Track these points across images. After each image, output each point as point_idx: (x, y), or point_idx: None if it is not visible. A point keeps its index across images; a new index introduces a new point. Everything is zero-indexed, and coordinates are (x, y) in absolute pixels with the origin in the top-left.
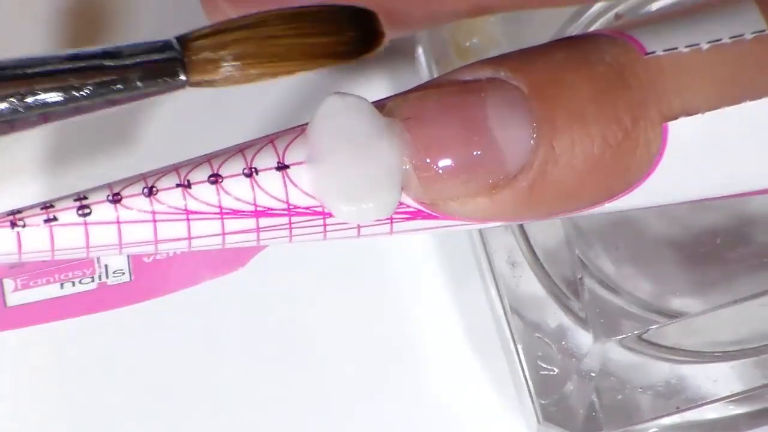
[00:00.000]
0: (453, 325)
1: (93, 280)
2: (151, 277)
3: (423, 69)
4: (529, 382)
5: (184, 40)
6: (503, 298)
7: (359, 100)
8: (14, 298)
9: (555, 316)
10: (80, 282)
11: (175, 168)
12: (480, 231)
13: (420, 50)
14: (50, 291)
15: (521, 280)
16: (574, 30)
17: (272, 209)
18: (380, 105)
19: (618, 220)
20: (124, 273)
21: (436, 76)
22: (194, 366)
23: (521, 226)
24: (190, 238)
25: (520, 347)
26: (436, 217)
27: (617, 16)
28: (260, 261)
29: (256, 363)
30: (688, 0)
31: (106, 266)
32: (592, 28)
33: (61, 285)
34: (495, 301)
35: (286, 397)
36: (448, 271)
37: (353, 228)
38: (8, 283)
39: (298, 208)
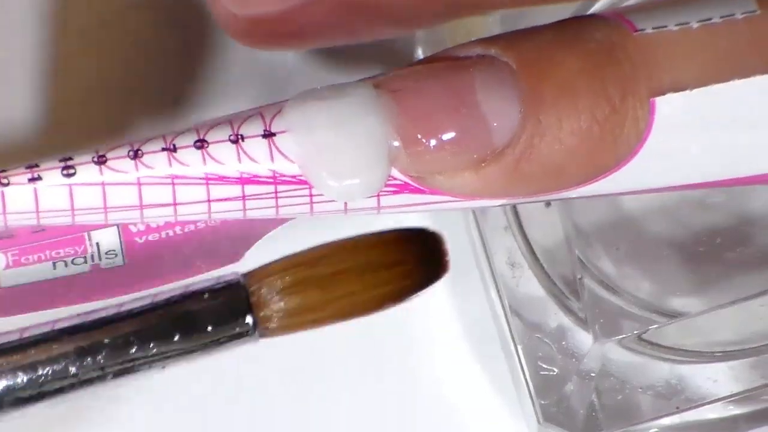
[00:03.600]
0: (453, 326)
1: (86, 261)
2: (144, 262)
3: None
4: (530, 383)
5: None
6: (503, 298)
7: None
8: (7, 277)
9: (555, 317)
10: (73, 262)
11: (162, 134)
12: (480, 231)
13: (419, 51)
14: (43, 271)
15: (521, 281)
16: None
17: (258, 176)
18: (369, 79)
19: (618, 220)
20: (116, 254)
21: None
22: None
23: (521, 227)
24: (175, 204)
25: (520, 348)
26: (423, 191)
27: None
28: (256, 258)
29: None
30: None
31: (97, 244)
32: None
33: (54, 264)
34: (495, 301)
35: (282, 395)
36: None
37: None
38: (0, 259)
39: (284, 176)
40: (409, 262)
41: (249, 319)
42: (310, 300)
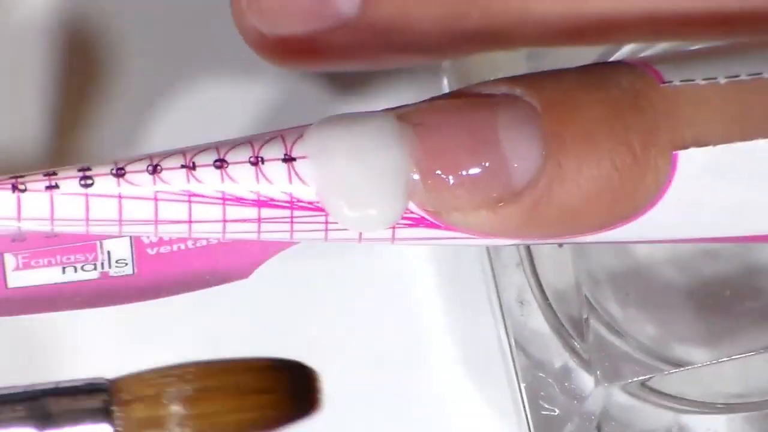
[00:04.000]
0: (459, 356)
1: (95, 268)
2: (153, 273)
3: None
4: (530, 422)
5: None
6: (510, 334)
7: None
8: (15, 279)
9: (560, 357)
10: (82, 268)
11: (182, 150)
12: (491, 267)
13: (445, 81)
14: (52, 275)
15: (529, 319)
16: None
17: (275, 200)
18: (391, 111)
19: (629, 266)
20: (127, 264)
21: None
22: None
23: (533, 266)
24: (190, 221)
25: (523, 386)
26: (438, 227)
27: None
28: (264, 272)
29: None
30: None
31: (108, 253)
32: None
33: (63, 269)
34: (502, 337)
35: None
36: (458, 304)
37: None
38: (9, 260)
39: (301, 202)
40: (277, 391)
41: (108, 427)
42: (169, 413)
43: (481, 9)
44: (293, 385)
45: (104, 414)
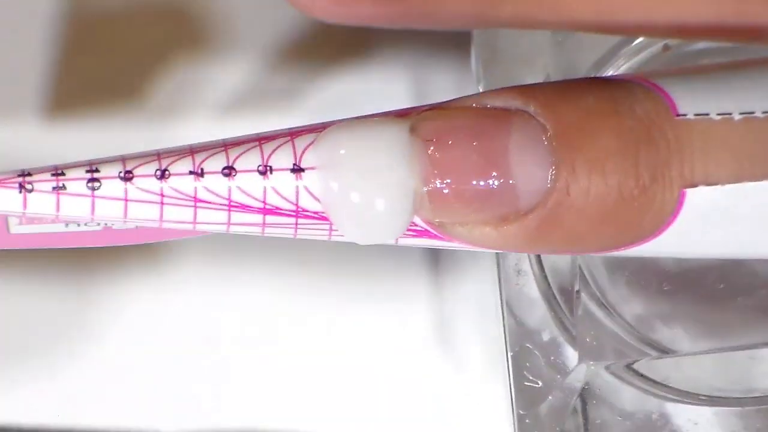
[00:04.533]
0: (452, 324)
1: (98, 224)
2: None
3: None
4: (512, 391)
5: None
6: (503, 302)
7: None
8: (19, 229)
9: (549, 330)
10: (85, 224)
11: (192, 152)
12: None
13: (472, 51)
14: (55, 228)
15: (523, 289)
16: (622, 55)
17: (281, 209)
18: (404, 114)
19: None
20: None
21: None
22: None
23: None
24: (195, 222)
25: (510, 355)
26: (441, 238)
27: (666, 47)
28: (263, 264)
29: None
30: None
31: None
32: (640, 56)
33: (66, 224)
34: (497, 304)
35: (278, 412)
36: (459, 270)
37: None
38: (12, 219)
39: (307, 211)
40: None
41: None
42: None
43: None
44: None
45: None
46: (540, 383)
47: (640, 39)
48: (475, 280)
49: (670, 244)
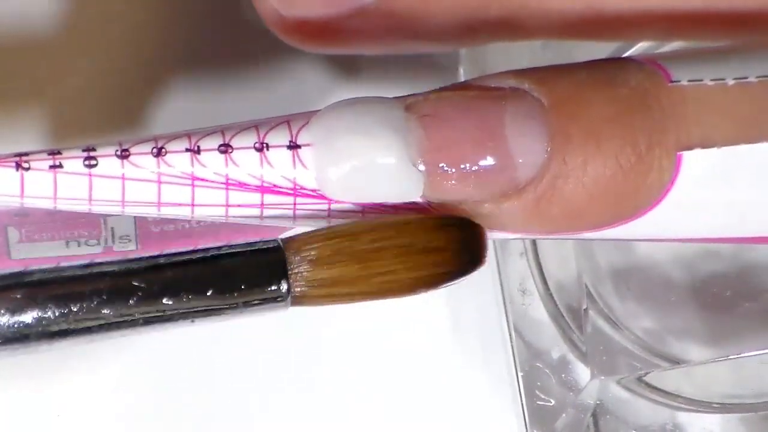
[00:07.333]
0: (460, 347)
1: (99, 243)
2: (156, 249)
3: None
4: (525, 411)
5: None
6: (510, 323)
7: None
8: (18, 250)
9: (558, 348)
10: (86, 243)
11: (187, 133)
12: (496, 254)
13: (461, 70)
14: (55, 247)
15: (530, 308)
16: None
17: (278, 187)
18: (400, 100)
19: (631, 261)
20: (130, 240)
21: None
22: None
23: (536, 256)
24: (193, 204)
25: (521, 375)
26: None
27: None
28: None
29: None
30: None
31: (112, 229)
32: None
33: (67, 243)
34: (503, 325)
35: (284, 410)
36: (461, 291)
37: (358, 212)
38: (12, 233)
39: (305, 189)
40: (449, 249)
41: (284, 285)
42: (347, 273)
43: (500, 2)
44: (462, 242)
45: (280, 273)
46: (553, 401)
47: (634, 48)
48: (477, 304)
49: (668, 216)
